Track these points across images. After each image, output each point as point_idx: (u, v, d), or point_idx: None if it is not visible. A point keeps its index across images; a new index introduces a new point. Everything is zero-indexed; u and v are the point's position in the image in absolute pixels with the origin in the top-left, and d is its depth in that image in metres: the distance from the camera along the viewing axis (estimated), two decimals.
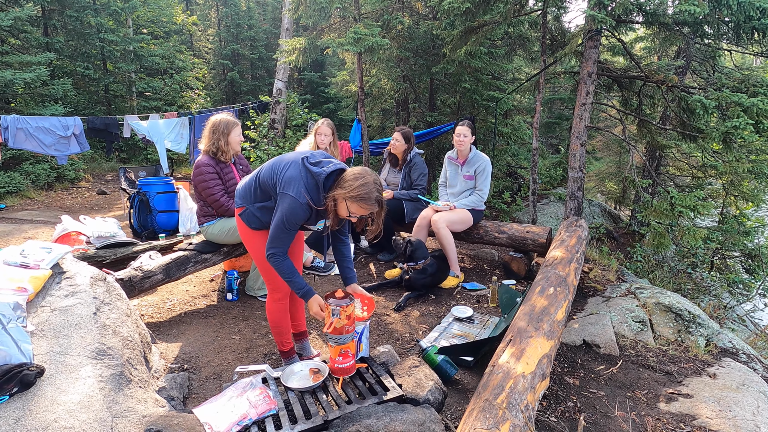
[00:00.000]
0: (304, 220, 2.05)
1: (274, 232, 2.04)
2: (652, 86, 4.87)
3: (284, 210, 1.99)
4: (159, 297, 3.44)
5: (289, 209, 1.97)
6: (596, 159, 11.77)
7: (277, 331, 2.41)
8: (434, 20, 7.43)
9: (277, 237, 2.04)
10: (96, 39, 10.99)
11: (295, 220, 2.01)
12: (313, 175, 2.00)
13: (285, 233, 2.03)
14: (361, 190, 1.89)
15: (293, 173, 2.01)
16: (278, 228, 2.02)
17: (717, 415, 2.24)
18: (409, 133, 4.20)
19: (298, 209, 1.97)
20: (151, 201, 4.75)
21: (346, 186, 1.92)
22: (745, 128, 3.79)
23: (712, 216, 8.43)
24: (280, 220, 2.01)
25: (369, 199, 1.91)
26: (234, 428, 1.70)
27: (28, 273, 2.08)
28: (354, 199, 1.91)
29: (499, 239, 4.09)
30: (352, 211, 1.96)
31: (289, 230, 2.03)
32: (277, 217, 2.03)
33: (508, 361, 1.95)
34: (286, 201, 1.99)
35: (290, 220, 2.00)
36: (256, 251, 2.28)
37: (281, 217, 2.00)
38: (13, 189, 7.73)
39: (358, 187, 1.89)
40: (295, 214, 1.99)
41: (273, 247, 2.05)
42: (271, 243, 2.05)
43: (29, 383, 1.63)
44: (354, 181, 1.91)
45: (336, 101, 14.82)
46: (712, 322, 3.19)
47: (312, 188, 2.00)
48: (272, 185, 2.09)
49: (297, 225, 2.04)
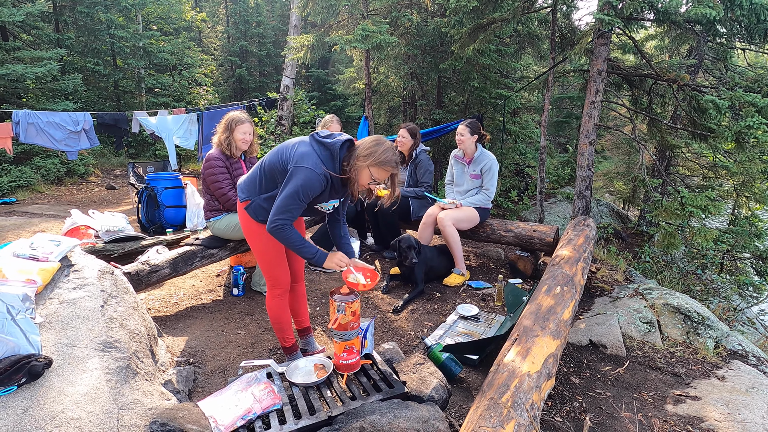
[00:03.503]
0: (319, 193, 2.04)
1: (284, 201, 1.99)
2: (663, 85, 4.82)
3: (299, 181, 1.96)
4: (166, 291, 3.47)
5: (305, 180, 1.96)
6: (605, 158, 11.67)
7: (278, 327, 2.39)
8: (443, 17, 7.40)
9: (286, 207, 1.99)
10: (106, 35, 11.08)
11: (311, 191, 1.99)
12: (327, 146, 2.03)
13: (296, 204, 1.99)
14: (385, 154, 1.99)
15: (305, 149, 2.03)
16: (290, 197, 1.98)
17: (725, 418, 2.21)
18: (415, 129, 4.18)
19: (315, 180, 1.97)
20: (159, 196, 4.79)
21: (368, 153, 1.99)
22: (758, 128, 3.74)
23: (723, 217, 8.33)
24: (293, 190, 1.97)
25: (391, 162, 2.02)
26: (238, 422, 1.70)
27: (37, 265, 2.10)
28: (380, 164, 1.99)
29: (506, 238, 4.07)
30: (376, 177, 2.03)
31: (302, 201, 2.00)
32: (290, 188, 1.98)
33: (513, 359, 1.94)
34: (301, 173, 1.96)
35: (305, 190, 1.97)
36: (260, 245, 2.25)
37: (295, 188, 1.96)
38: (23, 183, 7.84)
39: (381, 153, 1.99)
40: (311, 185, 1.97)
41: (281, 217, 1.99)
42: (279, 212, 1.99)
43: (37, 374, 1.65)
44: (376, 147, 2.00)
45: (343, 98, 14.83)
46: (721, 324, 3.15)
47: (327, 159, 2.02)
48: (281, 167, 2.06)
49: (310, 197, 2.02)
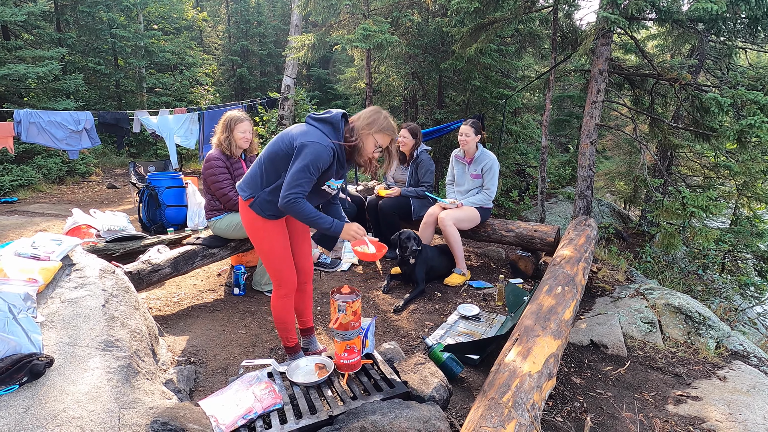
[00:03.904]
0: (328, 165, 2.06)
1: (295, 176, 1.98)
2: (665, 84, 4.81)
3: (308, 155, 1.98)
4: (167, 290, 3.47)
5: (314, 153, 1.98)
6: (606, 158, 11.67)
7: (282, 327, 2.39)
8: (444, 17, 7.39)
9: (296, 181, 1.99)
10: (107, 35, 11.10)
11: (320, 163, 2.01)
12: (326, 121, 2.09)
13: (307, 177, 2.00)
14: (386, 121, 2.14)
15: (306, 129, 2.08)
16: (300, 171, 1.98)
17: (726, 418, 2.21)
18: (416, 129, 4.18)
19: (323, 152, 2.00)
20: (160, 195, 4.79)
21: (370, 121, 2.11)
22: (760, 126, 3.73)
23: (725, 217, 8.31)
24: (303, 164, 1.98)
25: (392, 128, 2.16)
26: (239, 421, 1.71)
27: (38, 264, 2.10)
28: (383, 130, 2.12)
29: (507, 237, 4.06)
30: (380, 143, 2.15)
31: (312, 175, 2.01)
32: (299, 163, 1.98)
33: (514, 359, 1.94)
34: (308, 147, 1.98)
35: (315, 163, 1.99)
36: (266, 244, 2.23)
37: (305, 161, 1.98)
38: (25, 182, 7.85)
39: (383, 120, 2.13)
40: (321, 157, 2.00)
41: (292, 191, 1.99)
42: (290, 187, 1.99)
43: (39, 373, 1.65)
44: (377, 115, 2.13)
45: (344, 98, 14.83)
46: (722, 325, 3.14)
47: (330, 133, 2.08)
48: (284, 152, 2.06)
49: (320, 170, 2.03)
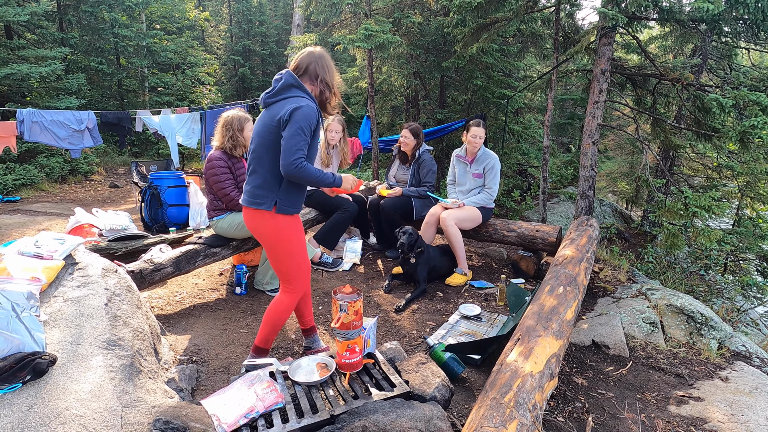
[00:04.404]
0: (316, 123, 2.10)
1: (292, 141, 2.01)
2: (667, 84, 4.80)
3: (298, 118, 2.02)
4: (169, 290, 3.48)
5: (302, 113, 2.02)
6: (608, 158, 11.64)
7: (272, 329, 2.31)
8: (446, 17, 7.39)
9: (296, 145, 2.01)
10: (110, 34, 11.12)
11: (311, 120, 2.06)
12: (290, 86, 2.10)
13: (303, 139, 2.03)
14: (330, 60, 2.21)
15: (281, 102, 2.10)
16: (296, 135, 2.01)
17: (729, 419, 2.20)
18: (417, 129, 4.18)
19: (311, 111, 2.05)
20: (162, 195, 4.80)
21: (325, 65, 2.18)
22: (763, 128, 3.72)
23: (727, 218, 8.29)
24: (296, 128, 2.01)
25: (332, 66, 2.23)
26: (241, 420, 1.71)
27: (41, 263, 2.11)
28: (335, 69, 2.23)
29: (509, 237, 4.06)
30: (338, 82, 2.24)
31: (306, 136, 2.04)
32: (292, 128, 2.02)
33: (516, 359, 1.94)
34: (297, 112, 2.02)
35: (307, 123, 2.03)
36: (295, 247, 2.23)
37: (297, 124, 2.01)
38: (28, 181, 7.88)
39: (329, 59, 2.21)
40: (311, 117, 2.05)
41: (296, 156, 2.01)
42: (292, 152, 2.00)
43: (42, 371, 1.65)
44: (322, 59, 2.18)
45: (346, 98, 14.82)
46: (724, 325, 3.14)
47: (302, 94, 2.11)
48: (275, 132, 2.08)
49: (312, 129, 2.07)
